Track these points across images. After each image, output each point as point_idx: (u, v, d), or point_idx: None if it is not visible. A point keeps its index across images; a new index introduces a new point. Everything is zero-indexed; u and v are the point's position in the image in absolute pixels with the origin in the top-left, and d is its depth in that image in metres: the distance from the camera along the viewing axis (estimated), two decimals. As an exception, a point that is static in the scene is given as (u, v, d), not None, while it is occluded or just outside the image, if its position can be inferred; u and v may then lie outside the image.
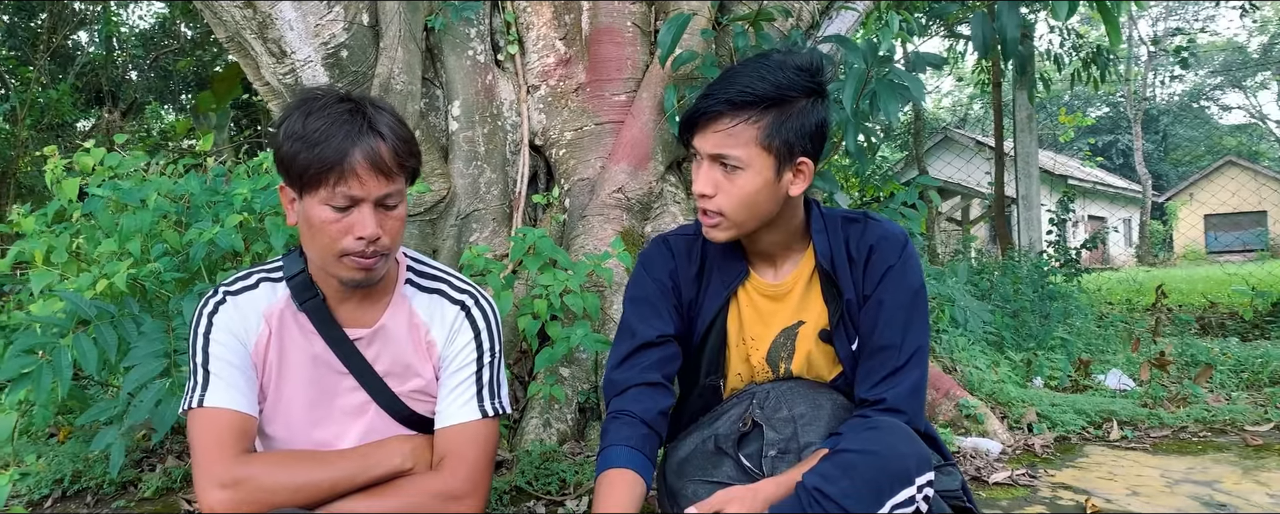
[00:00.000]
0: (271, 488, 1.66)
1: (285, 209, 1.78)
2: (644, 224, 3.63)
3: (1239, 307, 8.67)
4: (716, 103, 1.83)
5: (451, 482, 1.78)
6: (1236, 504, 2.65)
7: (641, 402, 1.93)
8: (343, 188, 1.65)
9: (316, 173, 1.65)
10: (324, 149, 1.64)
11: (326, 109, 1.68)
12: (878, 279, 1.94)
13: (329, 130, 1.65)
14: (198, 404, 1.74)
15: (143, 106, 14.84)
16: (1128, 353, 5.07)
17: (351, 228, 1.68)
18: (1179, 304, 9.84)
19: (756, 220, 1.89)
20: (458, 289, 1.93)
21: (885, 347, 1.91)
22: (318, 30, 3.42)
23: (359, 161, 1.65)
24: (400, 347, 1.88)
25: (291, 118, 1.70)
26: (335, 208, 1.67)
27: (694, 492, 1.96)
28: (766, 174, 1.84)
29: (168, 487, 2.97)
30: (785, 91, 1.81)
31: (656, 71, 3.71)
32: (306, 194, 1.69)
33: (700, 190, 1.87)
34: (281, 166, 1.70)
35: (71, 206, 3.01)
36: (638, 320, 2.03)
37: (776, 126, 1.81)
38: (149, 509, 2.82)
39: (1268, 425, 3.65)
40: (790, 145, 1.83)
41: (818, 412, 1.98)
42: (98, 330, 2.58)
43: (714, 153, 1.84)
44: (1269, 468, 3.03)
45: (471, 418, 1.85)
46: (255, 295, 1.84)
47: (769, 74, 1.83)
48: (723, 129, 1.82)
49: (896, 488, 1.68)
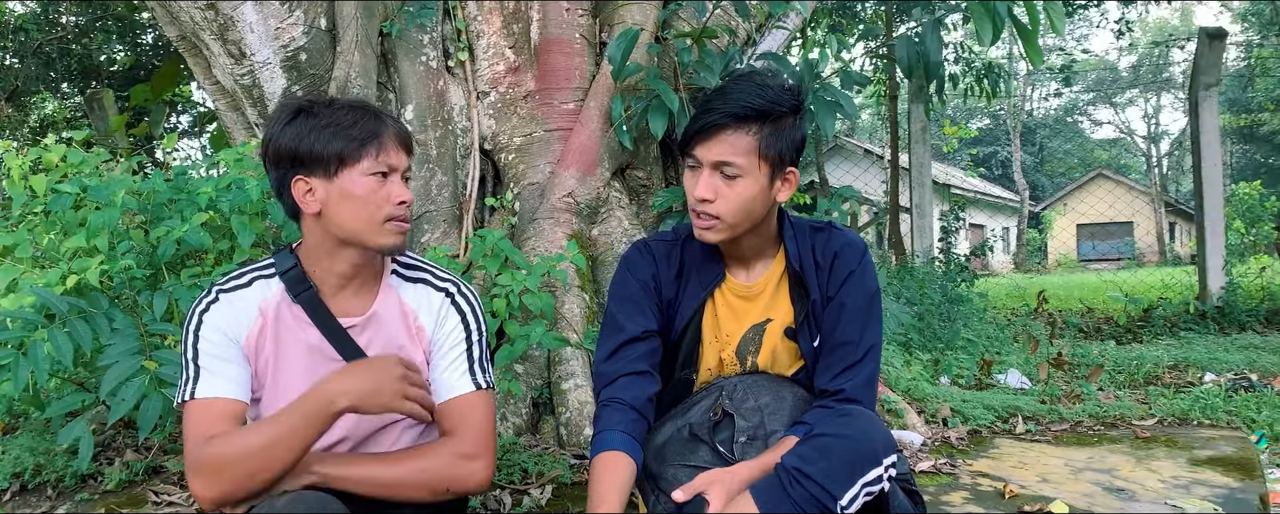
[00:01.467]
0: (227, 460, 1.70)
1: (301, 201, 1.89)
2: (591, 228, 3.79)
3: (1114, 312, 9.25)
4: (720, 116, 2.02)
5: (464, 445, 1.95)
6: (1133, 489, 2.96)
7: (631, 389, 2.11)
8: (384, 157, 1.88)
9: (358, 147, 1.86)
10: (360, 128, 1.87)
11: (333, 106, 1.90)
12: (841, 283, 2.16)
13: (354, 116, 1.88)
14: (190, 397, 1.84)
15: (26, 94, 14.29)
16: (1025, 354, 5.45)
17: (391, 196, 1.89)
18: (1059, 309, 10.44)
19: (749, 223, 2.08)
20: (440, 278, 2.09)
21: (845, 343, 2.13)
22: (278, 33, 3.49)
23: (390, 136, 1.90)
24: (392, 332, 2.02)
25: (300, 119, 1.87)
26: (378, 176, 1.87)
27: (674, 475, 2.13)
28: (762, 182, 2.03)
29: (130, 479, 3.00)
30: (777, 107, 2.02)
31: (603, 82, 3.89)
32: (344, 171, 1.86)
33: (701, 195, 2.05)
34: (309, 157, 1.85)
35: (33, 202, 3.01)
36: (624, 317, 2.19)
37: (772, 138, 2.01)
38: (113, 502, 2.86)
39: (1152, 420, 4.02)
40: (782, 155, 2.04)
41: (781, 403, 2.18)
42: (71, 325, 2.62)
43: (717, 161, 2.02)
44: (1157, 457, 3.36)
45: (468, 389, 2.01)
46: (249, 292, 1.96)
47: (762, 92, 2.03)
48: (726, 139, 2.01)
49: (867, 468, 1.89)
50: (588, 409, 3.25)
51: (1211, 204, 8.86)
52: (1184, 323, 8.21)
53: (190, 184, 3.07)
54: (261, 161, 1.99)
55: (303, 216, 1.95)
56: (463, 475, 1.96)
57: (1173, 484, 2.98)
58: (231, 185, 3.05)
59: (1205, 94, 9.06)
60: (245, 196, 2.94)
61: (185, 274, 2.97)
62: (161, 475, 3.07)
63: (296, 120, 1.88)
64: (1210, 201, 8.85)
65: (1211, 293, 8.59)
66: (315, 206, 1.89)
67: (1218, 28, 9.43)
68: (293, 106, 1.91)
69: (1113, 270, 28.16)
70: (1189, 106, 9.45)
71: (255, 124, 3.67)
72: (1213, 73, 9.09)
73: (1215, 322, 8.19)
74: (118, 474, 2.97)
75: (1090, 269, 30.30)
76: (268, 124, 1.94)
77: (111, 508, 2.78)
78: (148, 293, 2.82)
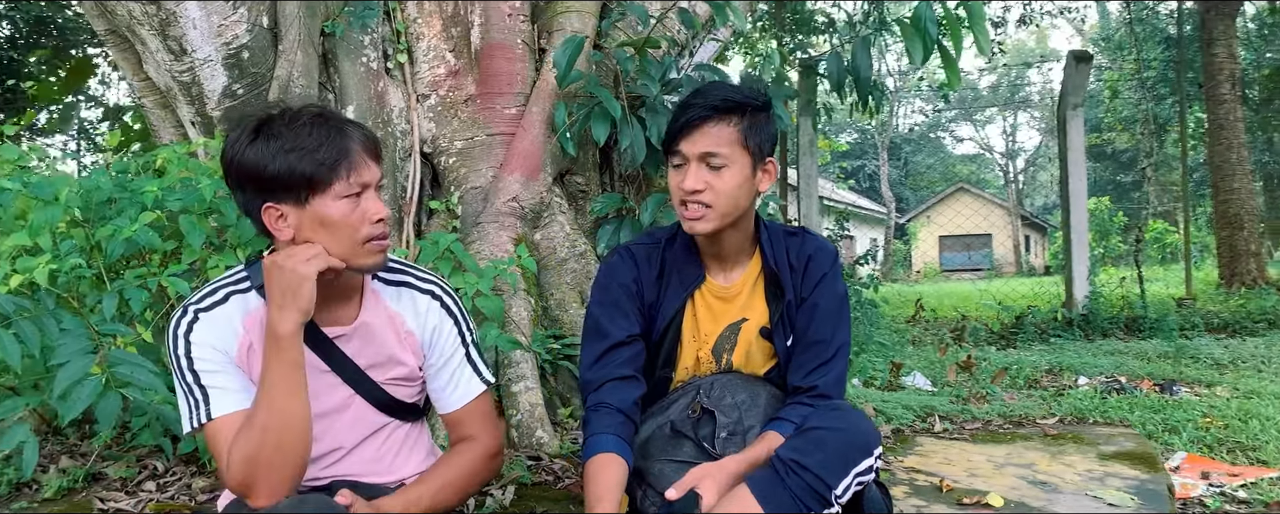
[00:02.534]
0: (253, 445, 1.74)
1: (273, 228, 1.82)
2: (534, 232, 3.83)
3: (988, 319, 9.73)
4: (702, 110, 2.13)
5: (491, 444, 2.05)
6: (1054, 482, 3.17)
7: (617, 393, 2.18)
8: (355, 176, 1.80)
9: (329, 170, 1.77)
10: (327, 149, 1.77)
11: (295, 121, 1.80)
12: (814, 284, 2.28)
13: (319, 134, 1.78)
14: (207, 419, 1.81)
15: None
16: (930, 357, 5.72)
17: (367, 214, 1.82)
18: (935, 317, 10.92)
19: (736, 212, 2.18)
20: (421, 279, 2.10)
21: (818, 341, 2.25)
22: (220, 30, 3.43)
23: (359, 152, 1.81)
24: (382, 339, 2.02)
25: (260, 141, 1.78)
26: (352, 197, 1.80)
27: (660, 470, 2.21)
28: (746, 171, 2.15)
29: (70, 487, 2.89)
30: (753, 101, 2.15)
31: (545, 88, 3.94)
32: (317, 196, 1.78)
33: (690, 187, 2.14)
34: (276, 183, 1.77)
35: (-29, 199, 2.88)
36: (608, 322, 2.26)
37: (750, 130, 2.14)
38: (56, 510, 2.75)
39: (1054, 419, 4.29)
40: (761, 146, 2.16)
41: (756, 400, 2.29)
42: (17, 326, 2.53)
43: (703, 152, 2.12)
44: (1068, 453, 3.60)
45: (479, 390, 2.08)
46: (227, 308, 1.91)
47: (737, 89, 2.19)
48: (709, 132, 2.12)
49: (859, 458, 2.01)
50: (538, 411, 3.29)
51: (1077, 218, 9.36)
52: (1053, 330, 8.67)
53: (133, 183, 2.99)
54: (223, 179, 1.93)
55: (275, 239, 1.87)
56: (491, 473, 2.08)
57: (1088, 477, 3.21)
58: (178, 184, 2.98)
59: (1072, 113, 9.57)
60: (196, 196, 2.88)
61: (129, 274, 2.88)
62: (103, 482, 2.96)
63: (258, 141, 1.78)
64: (1076, 215, 9.35)
65: (1077, 301, 9.09)
66: (289, 233, 1.82)
67: (1084, 51, 10.03)
68: (252, 125, 1.82)
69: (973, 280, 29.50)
70: (1057, 125, 10.00)
71: (191, 122, 3.58)
72: (1079, 93, 9.62)
73: (1081, 329, 8.66)
74: (56, 481, 2.87)
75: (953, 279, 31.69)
76: (228, 142, 1.84)
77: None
78: (94, 293, 2.73)
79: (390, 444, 2.10)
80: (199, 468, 3.04)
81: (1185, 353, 6.83)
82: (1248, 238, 11.34)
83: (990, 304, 10.91)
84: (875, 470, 2.05)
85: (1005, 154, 47.17)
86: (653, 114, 3.76)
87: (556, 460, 3.15)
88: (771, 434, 2.13)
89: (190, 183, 2.98)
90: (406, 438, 2.13)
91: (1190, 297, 10.13)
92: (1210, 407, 4.63)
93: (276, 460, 1.75)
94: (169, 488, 2.90)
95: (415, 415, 2.16)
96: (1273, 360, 6.40)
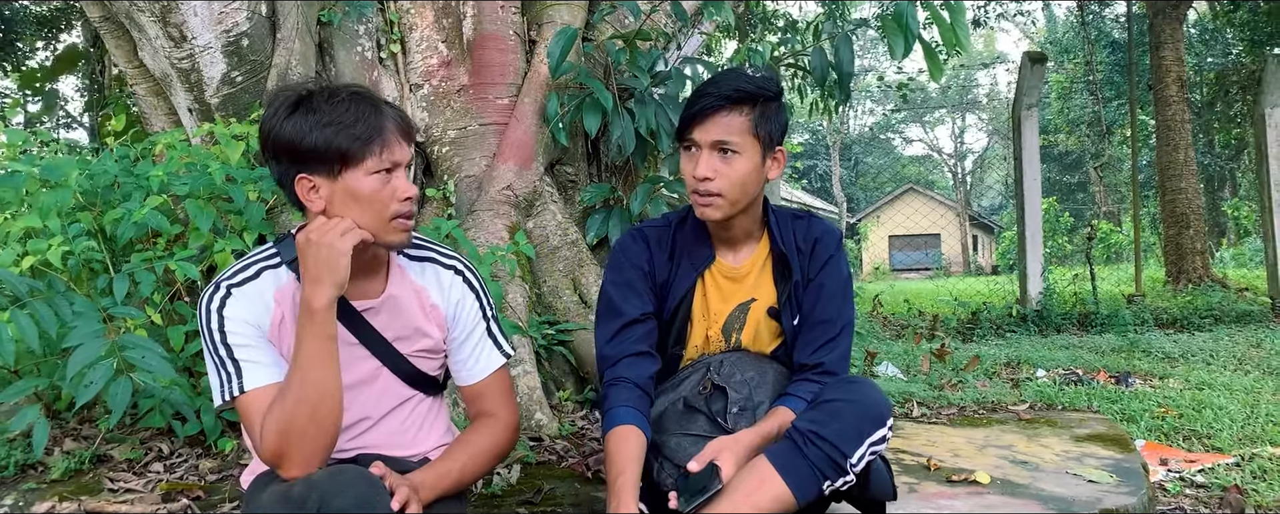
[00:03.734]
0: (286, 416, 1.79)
1: (305, 199, 1.88)
2: (527, 220, 3.90)
3: (943, 314, 9.95)
4: (716, 99, 2.20)
5: (510, 418, 2.14)
6: (1035, 462, 3.30)
7: (634, 369, 2.26)
8: (387, 154, 1.85)
9: (362, 145, 1.83)
10: (362, 125, 1.83)
11: (333, 98, 1.86)
12: (821, 266, 2.38)
13: (355, 111, 1.85)
14: (239, 391, 1.85)
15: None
16: (899, 348, 5.87)
17: (396, 192, 1.88)
18: (892, 312, 11.14)
19: (746, 199, 2.27)
20: (445, 256, 2.17)
21: (824, 321, 2.34)
22: (221, 18, 3.45)
23: (393, 131, 1.88)
24: (409, 312, 2.08)
25: (299, 113, 1.85)
26: (382, 173, 1.86)
27: (676, 444, 2.29)
28: (755, 159, 2.23)
29: (77, 468, 2.91)
30: (765, 91, 2.23)
31: (536, 78, 4.01)
32: (349, 170, 1.84)
33: (702, 175, 2.21)
34: (311, 154, 1.83)
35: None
36: (622, 301, 2.34)
37: (761, 119, 2.22)
38: (63, 491, 2.77)
39: (1024, 405, 4.45)
40: (771, 135, 2.25)
41: (764, 377, 2.38)
42: (33, 307, 2.54)
43: (715, 140, 2.20)
44: (1044, 436, 3.75)
45: (499, 363, 2.16)
46: (259, 283, 1.95)
47: (750, 79, 2.25)
48: (722, 120, 2.19)
49: (873, 429, 2.10)
50: (537, 394, 3.36)
51: (1031, 216, 9.59)
52: (1008, 325, 8.89)
53: (137, 167, 3.00)
54: (260, 151, 1.99)
55: (306, 211, 1.94)
56: (511, 446, 2.14)
57: (1066, 457, 3.35)
58: (182, 169, 3.01)
59: (1026, 114, 9.81)
60: (205, 180, 2.91)
61: (135, 258, 2.90)
62: (108, 464, 2.98)
63: (296, 114, 1.85)
64: (1030, 214, 9.59)
65: (1031, 298, 9.32)
66: (320, 205, 1.88)
67: (1039, 53, 10.26)
68: (290, 98, 1.88)
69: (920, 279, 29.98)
70: (1012, 125, 10.22)
71: (189, 109, 3.59)
72: (1033, 94, 9.87)
73: (1035, 324, 8.90)
74: (62, 463, 2.88)
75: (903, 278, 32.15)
76: (266, 115, 1.90)
77: (64, 495, 2.70)
78: (105, 276, 2.75)
79: (413, 417, 2.16)
80: (204, 450, 3.07)
81: (1137, 347, 7.07)
82: (1193, 236, 11.70)
83: (947, 300, 11.15)
84: (887, 440, 2.15)
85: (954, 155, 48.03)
86: (641, 106, 3.84)
87: (557, 441, 3.23)
88: (782, 409, 2.22)
89: (194, 168, 3.00)
90: (428, 412, 2.20)
91: (1140, 293, 10.42)
92: (1164, 397, 4.81)
93: (310, 431, 1.80)
94: (176, 468, 2.93)
95: (436, 389, 2.22)
96: (1220, 354, 6.63)
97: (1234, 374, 5.67)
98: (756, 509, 2.00)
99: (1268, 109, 9.73)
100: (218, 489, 2.77)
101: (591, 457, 3.11)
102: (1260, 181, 9.97)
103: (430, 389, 2.19)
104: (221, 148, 3.06)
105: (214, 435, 2.99)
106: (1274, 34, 15.93)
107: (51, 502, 2.65)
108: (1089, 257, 10.61)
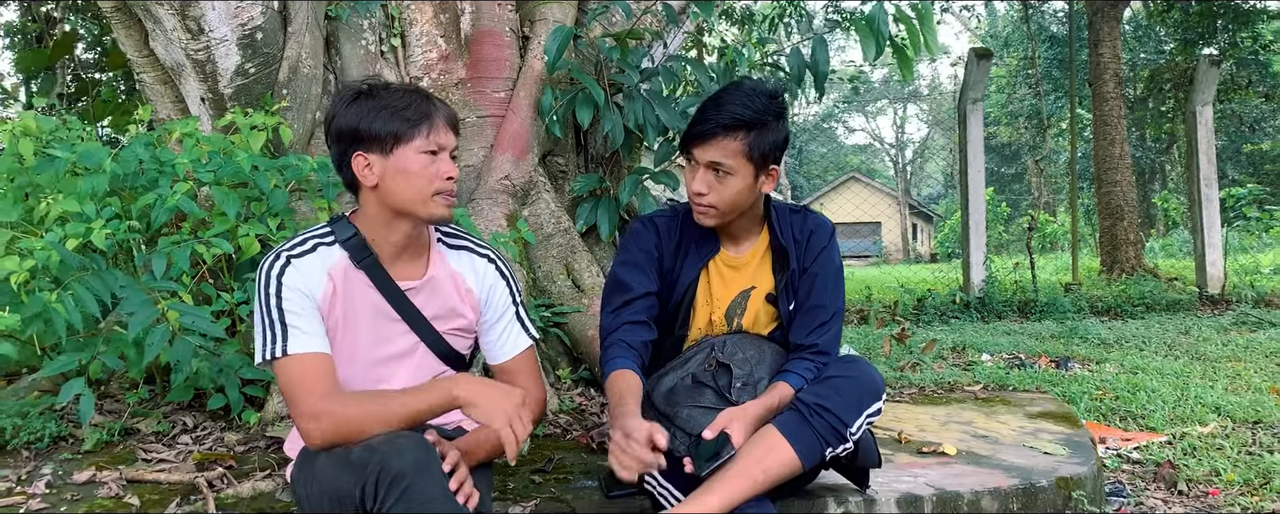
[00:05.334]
0: (349, 419, 1.99)
1: (360, 174, 2.14)
2: (523, 209, 4.11)
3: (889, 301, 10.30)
4: (714, 126, 2.44)
5: (539, 392, 2.38)
6: (995, 436, 3.60)
7: (632, 334, 2.53)
8: (434, 136, 2.13)
9: (413, 126, 2.11)
10: (414, 110, 2.12)
11: (390, 90, 2.16)
12: (815, 256, 2.63)
13: (408, 99, 2.14)
14: (282, 353, 2.05)
15: None
16: (852, 332, 6.17)
17: (440, 171, 2.14)
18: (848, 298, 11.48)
19: (737, 212, 2.53)
20: (479, 245, 2.42)
21: (817, 306, 2.60)
22: (237, 12, 3.61)
23: (440, 118, 2.16)
24: (446, 293, 2.33)
25: (360, 101, 2.14)
26: (429, 153, 2.12)
27: (688, 414, 2.52)
28: (748, 179, 2.47)
29: (107, 440, 3.07)
30: (764, 116, 2.46)
31: (530, 73, 4.21)
32: (400, 148, 2.11)
33: (697, 190, 2.47)
34: (368, 135, 2.11)
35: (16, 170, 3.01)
36: (629, 278, 2.59)
37: (756, 143, 2.45)
38: (99, 460, 2.93)
39: (979, 386, 4.77)
40: (765, 156, 2.48)
41: (763, 356, 2.63)
42: (87, 281, 2.72)
43: (711, 161, 2.44)
44: (1000, 413, 4.06)
45: (527, 344, 2.41)
46: (314, 257, 2.17)
47: (751, 102, 2.46)
48: (718, 144, 2.43)
49: (870, 402, 2.38)
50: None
51: (975, 206, 9.97)
52: (952, 312, 9.26)
53: (161, 153, 3.16)
54: (324, 137, 2.23)
55: (361, 189, 2.20)
56: (540, 417, 2.41)
57: (1022, 432, 3.66)
58: (205, 157, 3.17)
59: (972, 108, 10.17)
60: (232, 168, 3.08)
61: (163, 241, 3.06)
62: (135, 436, 3.14)
63: (357, 102, 2.14)
64: (974, 204, 9.96)
65: (974, 286, 9.70)
66: (373, 180, 2.14)
67: (985, 48, 10.63)
68: (353, 90, 2.17)
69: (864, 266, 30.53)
70: (958, 119, 10.60)
71: (202, 98, 3.73)
72: (979, 88, 10.23)
73: (977, 311, 9.28)
74: (94, 434, 3.04)
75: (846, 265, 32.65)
76: (331, 105, 2.18)
77: (101, 465, 2.86)
78: (141, 255, 2.92)
79: None
80: (227, 423, 3.24)
81: (1075, 333, 7.44)
82: (1127, 228, 12.22)
83: (893, 287, 11.53)
84: (880, 412, 2.42)
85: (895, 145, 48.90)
86: (630, 101, 4.07)
87: (560, 416, 3.45)
88: (781, 385, 2.48)
89: (216, 156, 3.16)
90: None
91: (1076, 282, 10.87)
92: (1102, 381, 5.17)
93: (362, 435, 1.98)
94: (204, 440, 3.10)
95: (464, 366, 2.44)
96: (1152, 340, 7.02)
97: (1165, 359, 6.05)
98: (766, 472, 2.26)
99: (1198, 107, 10.19)
100: (246, 459, 2.95)
101: (594, 430, 3.34)
102: (1190, 176, 10.46)
103: (459, 365, 2.41)
104: (241, 137, 3.22)
105: (238, 408, 3.16)
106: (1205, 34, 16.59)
107: (90, 471, 2.81)
108: (1030, 247, 11.05)
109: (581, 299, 3.92)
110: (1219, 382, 5.12)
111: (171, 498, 2.63)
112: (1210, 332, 7.43)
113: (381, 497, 1.88)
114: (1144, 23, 22.42)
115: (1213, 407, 4.49)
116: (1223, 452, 3.75)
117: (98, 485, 2.72)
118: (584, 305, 3.88)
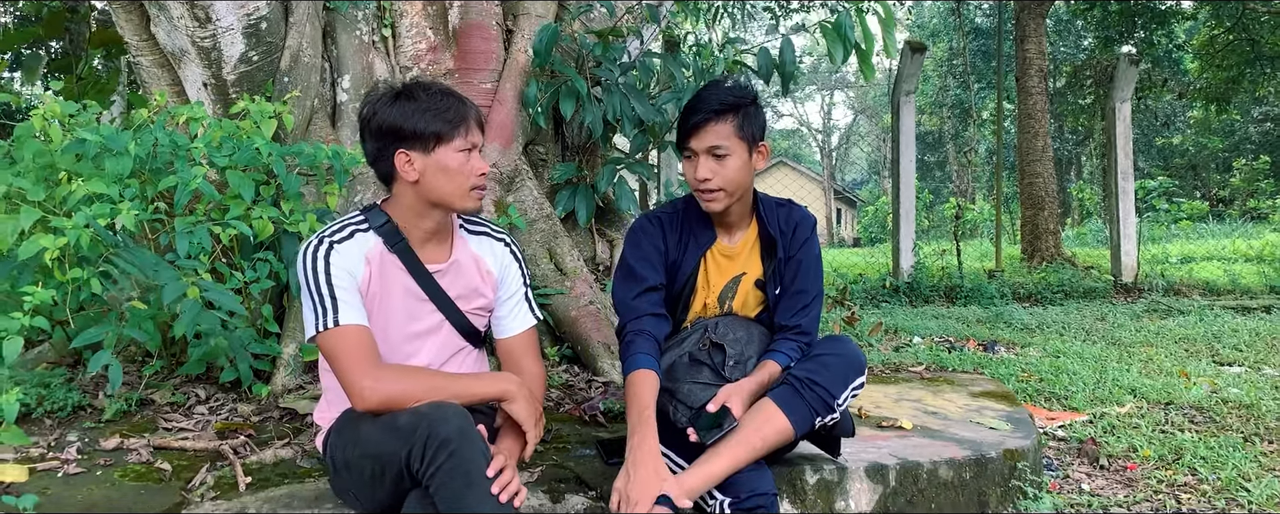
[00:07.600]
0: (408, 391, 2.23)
1: (401, 170, 2.34)
2: (508, 195, 4.32)
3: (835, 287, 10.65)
4: (705, 114, 2.70)
5: (539, 370, 2.63)
6: (944, 412, 3.94)
7: (656, 326, 2.77)
8: (470, 136, 2.37)
9: (454, 127, 2.34)
10: (453, 113, 2.35)
11: (428, 90, 2.37)
12: (800, 245, 2.92)
13: (448, 101, 2.37)
14: (333, 324, 2.27)
15: None
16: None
17: (475, 168, 2.39)
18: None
19: (740, 190, 2.78)
20: (496, 231, 2.67)
21: (801, 290, 2.89)
22: (244, 2, 3.75)
23: (473, 119, 2.40)
24: (469, 275, 2.57)
25: (401, 101, 2.34)
26: (465, 151, 2.36)
27: (688, 390, 2.78)
28: (744, 156, 2.74)
29: (125, 410, 3.23)
30: (741, 100, 2.73)
31: (515, 66, 4.42)
32: (441, 147, 2.33)
33: (702, 176, 2.72)
34: (413, 134, 2.31)
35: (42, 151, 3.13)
36: (642, 269, 2.83)
37: (742, 122, 2.72)
38: (121, 428, 3.09)
39: (921, 366, 5.12)
40: (754, 135, 2.75)
41: (752, 336, 2.91)
42: (127, 255, 2.89)
43: (709, 146, 2.70)
44: (946, 392, 4.41)
45: (531, 323, 2.66)
46: (353, 243, 2.39)
47: (730, 91, 2.74)
48: (712, 129, 2.70)
49: (854, 376, 2.68)
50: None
51: (906, 194, 10.34)
52: (881, 296, 9.64)
53: (176, 138, 3.30)
54: (361, 132, 2.43)
55: (396, 182, 2.41)
56: (543, 392, 2.64)
57: (967, 409, 4.00)
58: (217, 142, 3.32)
59: (905, 99, 10.54)
60: (248, 153, 3.24)
61: (179, 222, 3.21)
62: (152, 407, 3.31)
63: (398, 102, 2.33)
64: (905, 192, 10.33)
65: (903, 271, 10.10)
66: (414, 175, 2.35)
67: (919, 42, 11.00)
68: (391, 91, 2.37)
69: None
70: (891, 110, 10.98)
71: (204, 83, 3.86)
72: (912, 80, 10.60)
73: (906, 295, 9.64)
74: (114, 404, 3.19)
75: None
76: (368, 103, 2.37)
77: (124, 433, 3.03)
78: (166, 235, 3.09)
79: (465, 365, 2.63)
80: (239, 395, 3.42)
81: (1000, 318, 7.83)
82: (1048, 217, 12.80)
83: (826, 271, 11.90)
84: (863, 386, 2.72)
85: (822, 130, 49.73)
86: (609, 94, 4.31)
87: (551, 391, 3.70)
88: (770, 362, 2.76)
89: (229, 141, 3.32)
90: (475, 361, 2.67)
91: (999, 269, 11.37)
92: (1026, 363, 5.52)
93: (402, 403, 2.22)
94: (218, 411, 3.28)
95: (481, 344, 2.68)
96: (1071, 326, 7.43)
97: (1084, 344, 6.42)
98: (764, 439, 2.55)
99: (1117, 103, 10.70)
100: (263, 428, 3.14)
101: (584, 404, 3.59)
102: (1108, 168, 10.98)
103: (477, 342, 2.65)
104: (251, 123, 3.38)
105: (248, 381, 3.34)
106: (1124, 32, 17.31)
107: (116, 438, 2.98)
108: (956, 235, 11.53)
109: (564, 282, 4.16)
110: (1134, 365, 5.50)
111: (200, 464, 2.82)
112: (1125, 318, 7.86)
113: (429, 457, 2.10)
114: (1065, 18, 23.24)
115: (1129, 389, 4.84)
116: (1139, 430, 4.08)
117: (127, 452, 2.89)
118: (567, 287, 4.12)
